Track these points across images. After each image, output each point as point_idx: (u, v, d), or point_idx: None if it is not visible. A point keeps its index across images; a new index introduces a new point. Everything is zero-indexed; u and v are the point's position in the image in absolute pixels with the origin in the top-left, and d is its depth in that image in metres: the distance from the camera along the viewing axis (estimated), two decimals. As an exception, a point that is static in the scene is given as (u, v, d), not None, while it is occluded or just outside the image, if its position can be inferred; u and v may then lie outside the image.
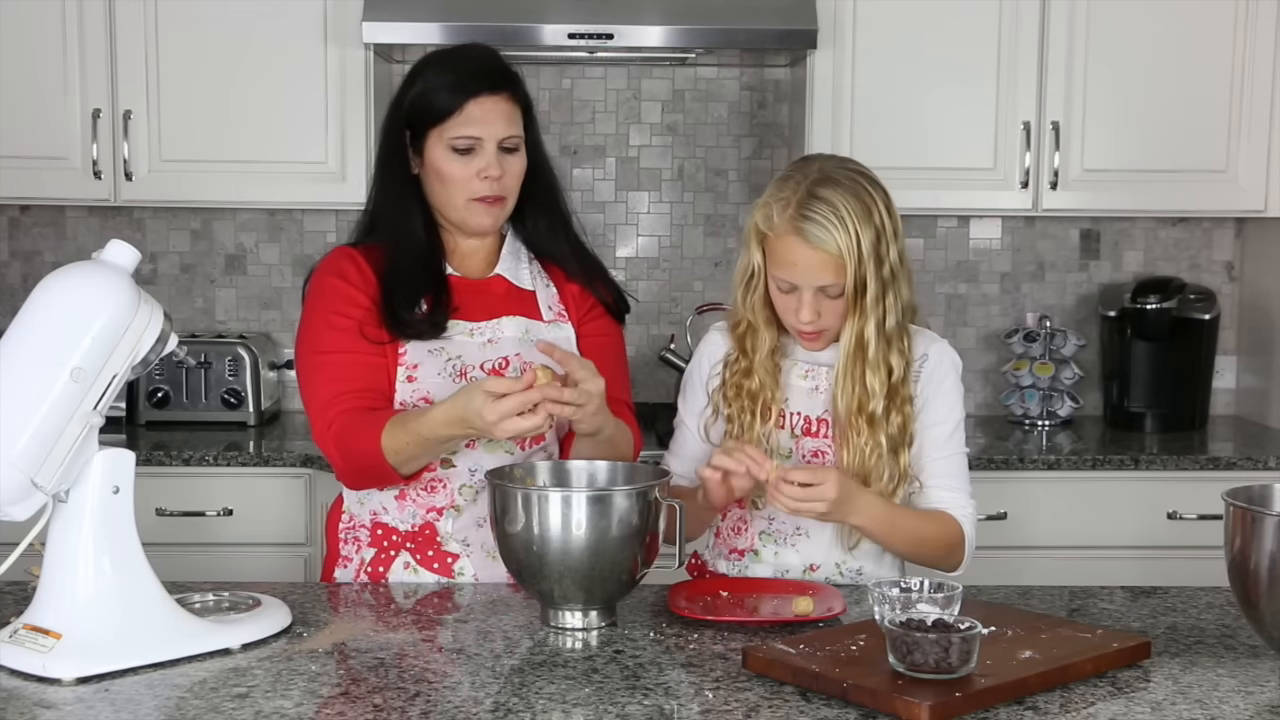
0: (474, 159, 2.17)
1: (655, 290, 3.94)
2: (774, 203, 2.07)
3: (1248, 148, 3.57)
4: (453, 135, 2.16)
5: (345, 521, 2.27)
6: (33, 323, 1.74)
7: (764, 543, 2.19)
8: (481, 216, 2.21)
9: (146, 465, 3.15)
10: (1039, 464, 3.36)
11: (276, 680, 1.70)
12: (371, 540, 2.23)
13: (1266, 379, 3.82)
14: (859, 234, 2.02)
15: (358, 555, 2.24)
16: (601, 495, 1.90)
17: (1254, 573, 1.70)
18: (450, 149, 2.17)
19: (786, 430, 2.17)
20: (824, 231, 2.02)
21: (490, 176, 2.17)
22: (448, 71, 2.19)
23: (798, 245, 2.04)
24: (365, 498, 2.24)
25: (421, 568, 2.20)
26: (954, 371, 2.19)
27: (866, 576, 2.16)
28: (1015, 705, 1.61)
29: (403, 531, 2.21)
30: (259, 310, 3.92)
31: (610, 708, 1.61)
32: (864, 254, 2.02)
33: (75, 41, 3.47)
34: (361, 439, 2.10)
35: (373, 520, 2.23)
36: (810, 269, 2.05)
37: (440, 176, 2.18)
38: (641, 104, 3.91)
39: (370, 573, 2.21)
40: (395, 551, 2.21)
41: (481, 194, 2.18)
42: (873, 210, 2.04)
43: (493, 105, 2.17)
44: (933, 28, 3.52)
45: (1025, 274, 3.97)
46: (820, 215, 2.02)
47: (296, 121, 3.51)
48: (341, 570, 2.26)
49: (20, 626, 1.76)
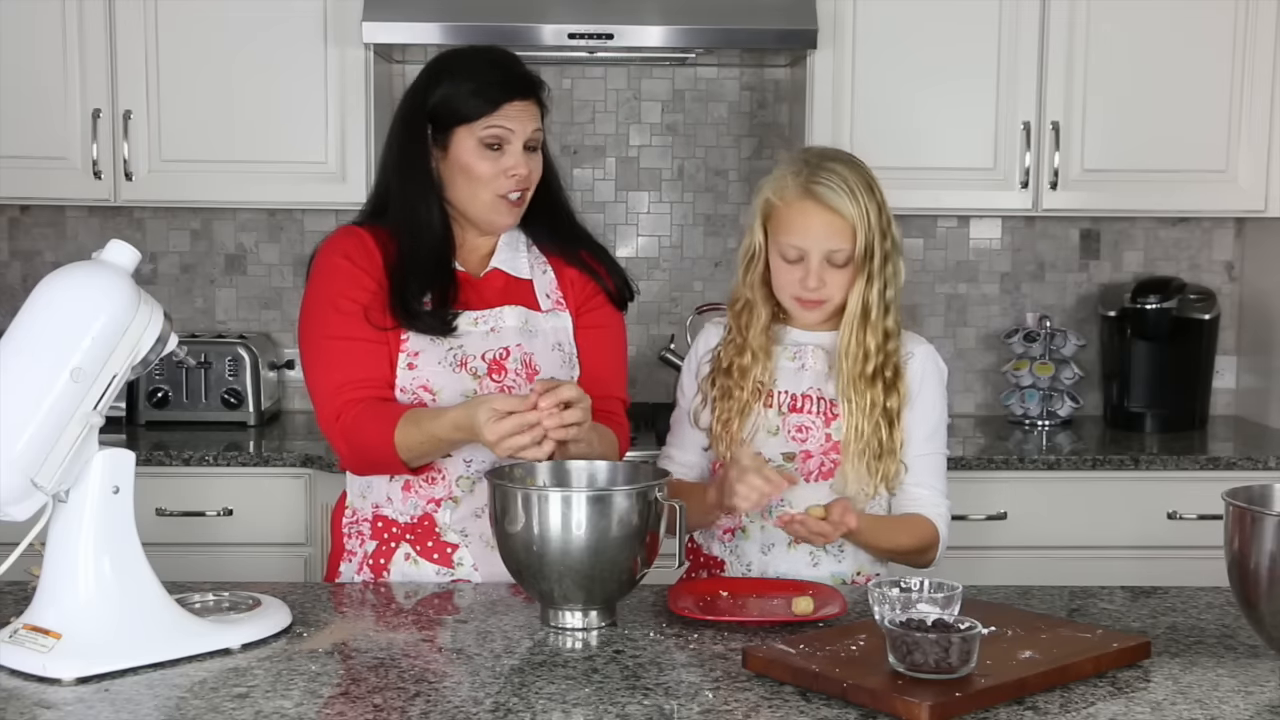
0: (503, 157, 2.19)
1: (655, 290, 3.94)
2: (787, 174, 2.21)
3: (1248, 148, 3.57)
4: (485, 132, 2.18)
5: (349, 516, 2.29)
6: (33, 323, 1.74)
7: (752, 518, 2.23)
8: (505, 215, 2.23)
9: (146, 465, 3.14)
10: (1039, 464, 3.36)
11: (276, 680, 1.70)
12: (373, 533, 2.24)
13: (1266, 379, 3.82)
14: (867, 202, 2.16)
15: (360, 549, 2.26)
16: (601, 495, 1.90)
17: (1254, 573, 1.70)
18: (481, 145, 2.18)
19: (774, 408, 2.23)
20: (837, 195, 2.15)
21: (518, 174, 2.20)
22: (484, 72, 2.21)
23: (811, 209, 2.16)
24: (367, 490, 2.25)
25: (421, 559, 2.21)
26: (938, 373, 2.28)
27: (847, 551, 2.22)
28: (1015, 705, 1.61)
29: (402, 523, 2.22)
30: (259, 310, 3.92)
31: (610, 708, 1.61)
32: (871, 221, 2.15)
33: (75, 41, 3.47)
34: (372, 433, 2.12)
35: (374, 513, 2.25)
36: (821, 232, 2.16)
37: (468, 172, 2.20)
38: (641, 104, 3.91)
39: (372, 565, 2.23)
40: (395, 543, 2.22)
41: (507, 190, 2.20)
42: (873, 187, 2.19)
43: (524, 107, 2.21)
44: (933, 28, 3.52)
45: (1025, 274, 3.97)
46: (833, 181, 2.16)
47: (296, 121, 3.51)
48: (346, 564, 2.27)
49: (20, 626, 1.76)
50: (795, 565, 2.21)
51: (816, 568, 2.21)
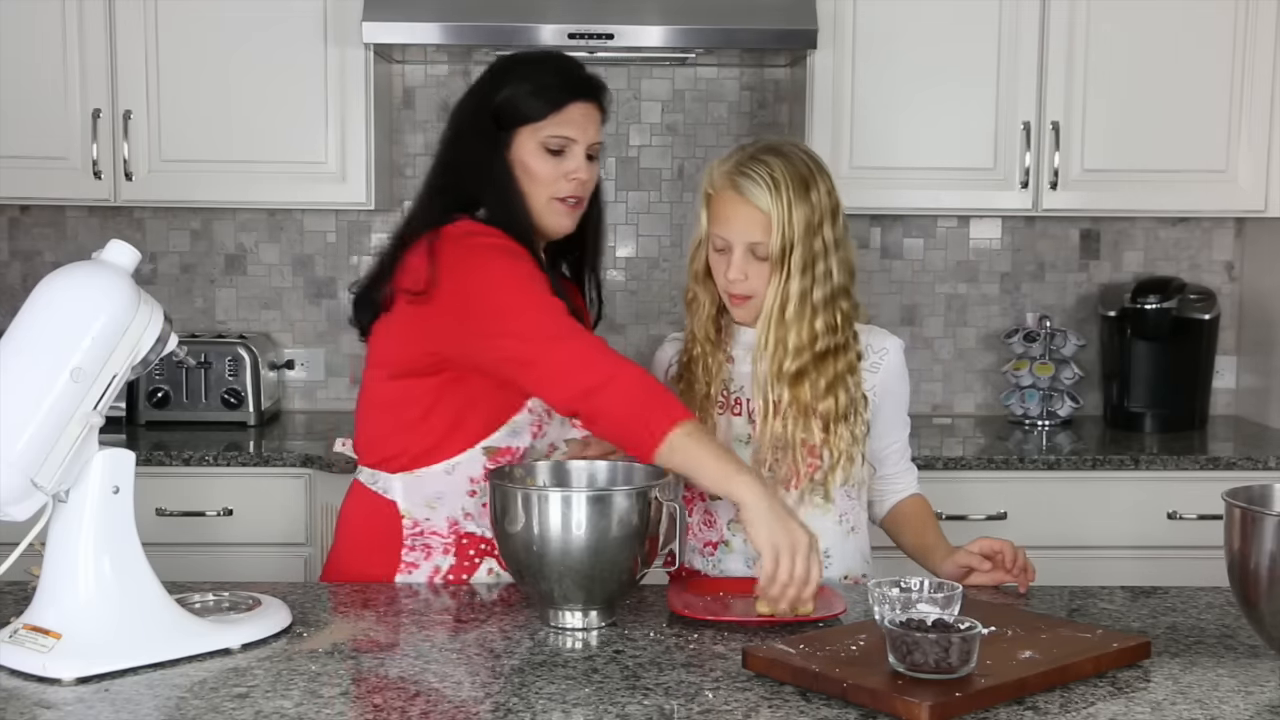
0: (564, 160, 2.19)
1: (655, 290, 3.94)
2: (719, 163, 2.19)
3: (1248, 148, 3.57)
4: (549, 134, 2.18)
5: (409, 527, 2.20)
6: (33, 323, 1.73)
7: (734, 531, 2.21)
8: (562, 217, 2.22)
9: (146, 465, 3.15)
10: (1039, 464, 3.36)
11: (276, 680, 1.70)
12: (455, 549, 2.19)
13: (1266, 379, 3.82)
14: (791, 199, 2.11)
15: (427, 562, 2.19)
16: (601, 495, 1.90)
17: (1254, 573, 1.70)
18: (543, 148, 2.18)
19: (743, 416, 2.21)
20: (756, 187, 2.12)
21: (579, 178, 2.20)
22: (550, 74, 2.22)
23: (731, 199, 2.15)
24: (438, 501, 2.18)
25: (504, 573, 2.14)
26: (905, 367, 2.29)
27: (832, 560, 2.20)
28: (1015, 705, 1.61)
29: (489, 539, 2.18)
30: (259, 310, 3.92)
31: (610, 708, 1.61)
32: (793, 218, 2.10)
33: (75, 41, 3.47)
34: (664, 406, 1.98)
35: (453, 528, 2.19)
36: (740, 224, 2.13)
37: (528, 173, 2.19)
38: (641, 104, 3.91)
39: (451, 579, 2.19)
40: (480, 559, 2.19)
41: (565, 194, 2.20)
42: (811, 185, 2.13)
43: (588, 110, 2.21)
44: (933, 28, 3.52)
45: (1025, 274, 3.97)
46: (755, 173, 2.13)
47: (296, 121, 3.51)
48: (405, 577, 2.19)
49: (20, 626, 1.76)
50: None
51: None
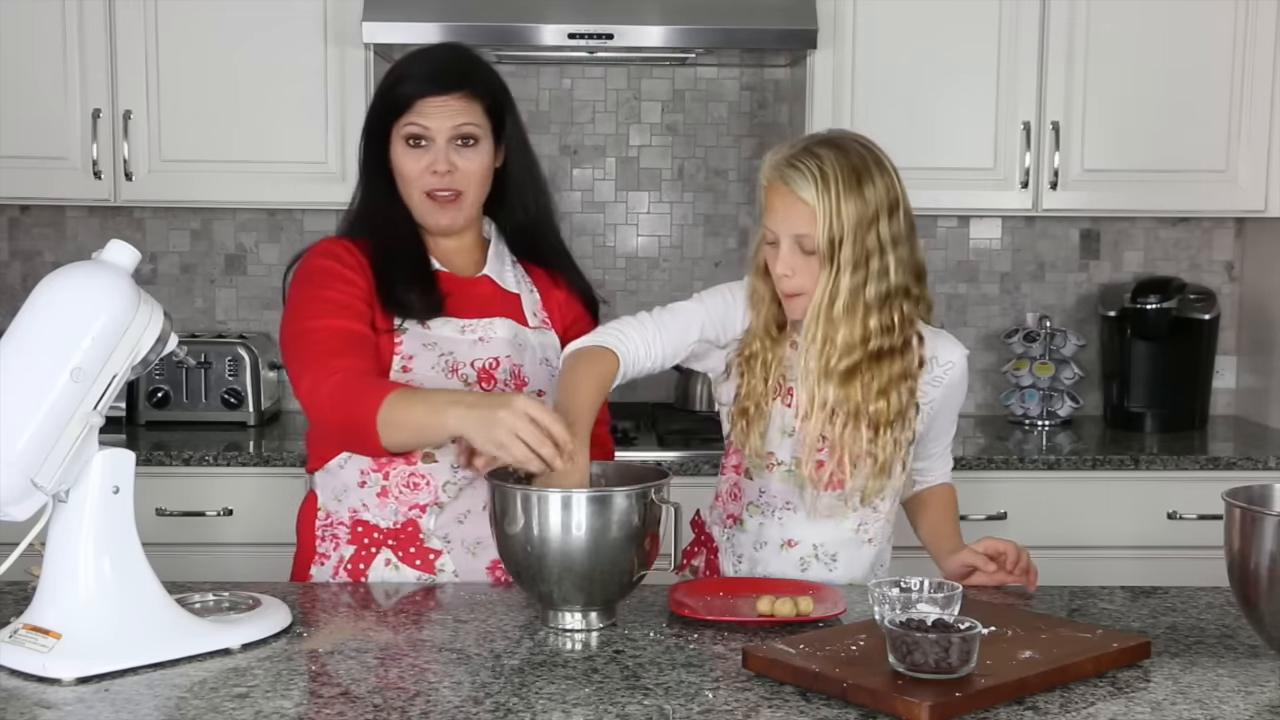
0: (424, 153, 2.19)
1: (655, 290, 3.94)
2: (771, 154, 2.14)
3: (1248, 148, 3.57)
4: (406, 129, 2.19)
5: (321, 519, 2.26)
6: (33, 323, 1.73)
7: (750, 514, 2.21)
8: (436, 214, 2.22)
9: (146, 465, 3.15)
10: (1039, 464, 3.36)
11: (276, 680, 1.70)
12: (351, 538, 2.22)
13: (1266, 379, 3.82)
14: (840, 193, 2.05)
15: (335, 553, 2.23)
16: (601, 496, 1.90)
17: (1254, 573, 1.70)
18: (404, 142, 2.19)
19: (793, 409, 2.16)
20: (801, 179, 2.06)
21: (438, 171, 2.18)
22: (408, 67, 2.22)
23: (779, 191, 2.10)
24: (343, 494, 2.23)
25: (403, 564, 2.20)
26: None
27: (840, 563, 2.19)
28: (1015, 705, 1.61)
29: (384, 529, 2.21)
30: (259, 310, 3.92)
31: (610, 708, 1.61)
32: (842, 212, 2.04)
33: (75, 41, 3.47)
34: (366, 394, 2.02)
35: (352, 518, 2.22)
36: (786, 216, 2.08)
37: (398, 170, 2.21)
38: (641, 104, 3.91)
39: (350, 570, 2.21)
40: (376, 549, 2.21)
41: (431, 188, 2.19)
42: (866, 179, 2.07)
43: (444, 102, 2.18)
44: (933, 28, 3.52)
45: (1025, 274, 3.97)
46: (804, 165, 2.07)
47: (296, 121, 3.51)
48: (318, 568, 2.25)
49: (20, 626, 1.75)
50: (784, 567, 2.18)
51: (805, 573, 2.18)
